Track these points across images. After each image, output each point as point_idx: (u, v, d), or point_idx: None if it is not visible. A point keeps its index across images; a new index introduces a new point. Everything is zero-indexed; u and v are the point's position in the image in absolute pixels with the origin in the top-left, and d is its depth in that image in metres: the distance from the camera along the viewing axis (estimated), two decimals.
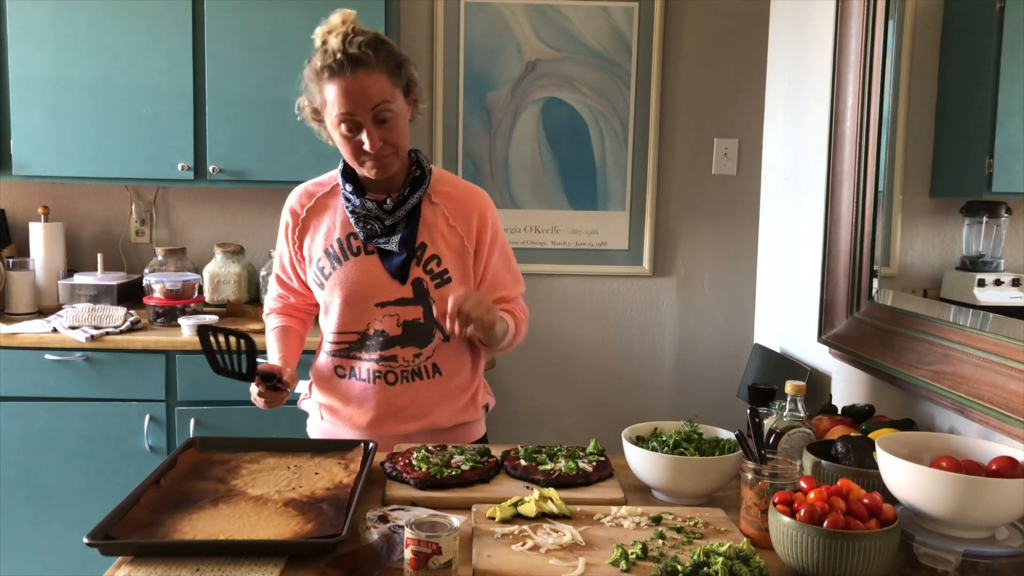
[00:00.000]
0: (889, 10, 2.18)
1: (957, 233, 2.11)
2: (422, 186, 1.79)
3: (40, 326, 2.83)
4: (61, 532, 2.83)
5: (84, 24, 2.92)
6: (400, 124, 1.72)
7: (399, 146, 1.73)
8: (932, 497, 1.33)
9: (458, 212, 1.82)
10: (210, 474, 1.60)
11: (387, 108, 1.67)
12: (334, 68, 1.66)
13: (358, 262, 1.80)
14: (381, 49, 1.67)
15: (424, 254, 1.79)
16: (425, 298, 1.80)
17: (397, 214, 1.77)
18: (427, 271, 1.79)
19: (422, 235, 1.79)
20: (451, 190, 1.84)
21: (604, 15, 3.32)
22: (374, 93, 1.66)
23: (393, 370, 1.83)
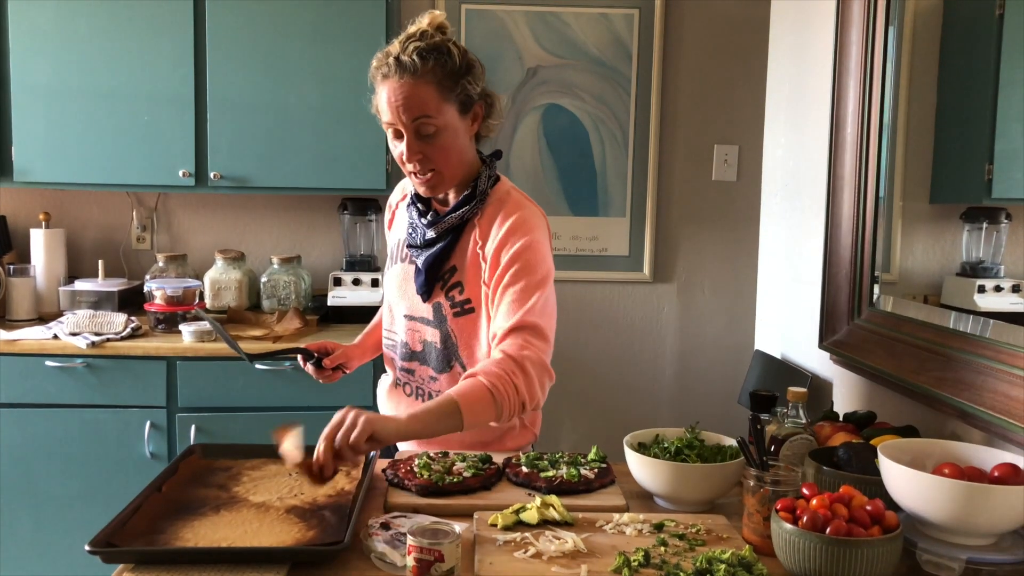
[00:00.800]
0: (889, 17, 2.19)
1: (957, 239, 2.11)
2: (467, 206, 1.66)
3: (41, 332, 2.83)
4: (62, 539, 2.82)
5: (85, 31, 2.92)
6: (446, 141, 1.60)
7: (442, 164, 1.61)
8: (935, 504, 1.33)
9: (486, 238, 1.67)
10: (212, 481, 1.60)
11: (428, 122, 1.57)
12: (384, 71, 1.59)
13: (402, 268, 1.76)
14: (433, 59, 1.56)
15: (451, 278, 1.69)
16: (443, 324, 1.70)
17: (435, 229, 1.67)
18: (448, 297, 1.69)
19: (456, 258, 1.68)
20: (495, 212, 1.67)
21: (604, 22, 3.33)
22: (414, 105, 1.56)
23: (410, 383, 1.80)
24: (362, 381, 2.75)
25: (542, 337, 1.60)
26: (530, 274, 1.62)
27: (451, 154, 1.61)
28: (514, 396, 1.56)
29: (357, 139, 2.99)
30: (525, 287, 1.61)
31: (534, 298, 1.60)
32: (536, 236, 1.64)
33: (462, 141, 1.63)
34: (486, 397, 1.53)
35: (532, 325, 1.59)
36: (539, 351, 1.59)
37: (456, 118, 1.61)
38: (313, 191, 3.06)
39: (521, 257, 1.62)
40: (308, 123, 3.00)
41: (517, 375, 1.56)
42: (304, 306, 3.17)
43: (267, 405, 2.78)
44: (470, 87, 1.62)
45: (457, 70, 1.59)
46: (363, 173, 3.01)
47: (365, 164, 3.01)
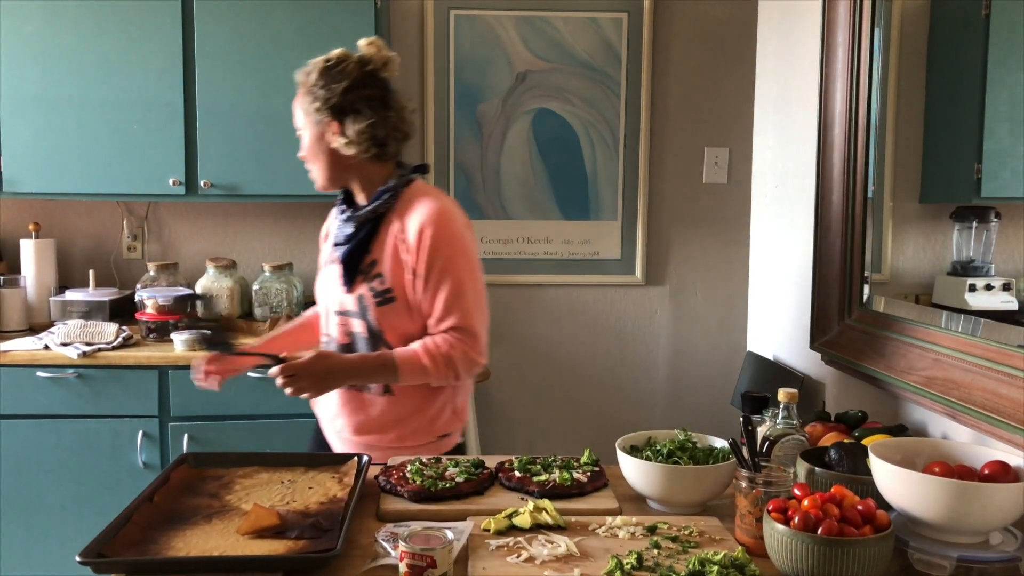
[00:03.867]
0: (875, 18, 2.20)
1: (948, 238, 2.12)
2: (379, 200, 1.82)
3: (32, 343, 2.82)
4: (55, 549, 2.81)
5: (73, 40, 2.92)
6: (311, 146, 1.82)
7: (311, 164, 1.85)
8: (926, 503, 1.34)
9: (404, 231, 1.80)
10: (203, 490, 1.60)
11: (301, 129, 1.83)
12: None
13: (328, 269, 1.91)
14: (315, 75, 1.79)
15: (372, 270, 1.81)
16: (366, 313, 1.81)
17: (352, 222, 1.84)
18: (371, 288, 1.81)
19: (375, 251, 1.82)
20: (408, 207, 1.82)
21: (593, 26, 3.34)
22: (296, 112, 1.85)
23: None
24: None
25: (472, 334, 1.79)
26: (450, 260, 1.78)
27: (315, 159, 1.83)
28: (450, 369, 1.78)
29: None
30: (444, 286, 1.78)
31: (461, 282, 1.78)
32: (452, 223, 1.80)
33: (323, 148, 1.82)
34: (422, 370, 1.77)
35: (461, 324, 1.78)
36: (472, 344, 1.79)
37: (322, 128, 1.80)
38: (304, 198, 3.06)
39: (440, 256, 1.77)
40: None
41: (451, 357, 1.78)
42: (296, 313, 3.16)
43: (260, 413, 2.77)
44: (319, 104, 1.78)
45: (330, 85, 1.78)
46: None
47: None
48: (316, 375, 1.72)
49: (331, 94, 1.76)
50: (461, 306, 1.79)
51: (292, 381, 1.72)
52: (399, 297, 1.80)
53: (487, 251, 3.41)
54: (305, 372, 1.72)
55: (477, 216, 3.39)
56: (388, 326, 1.81)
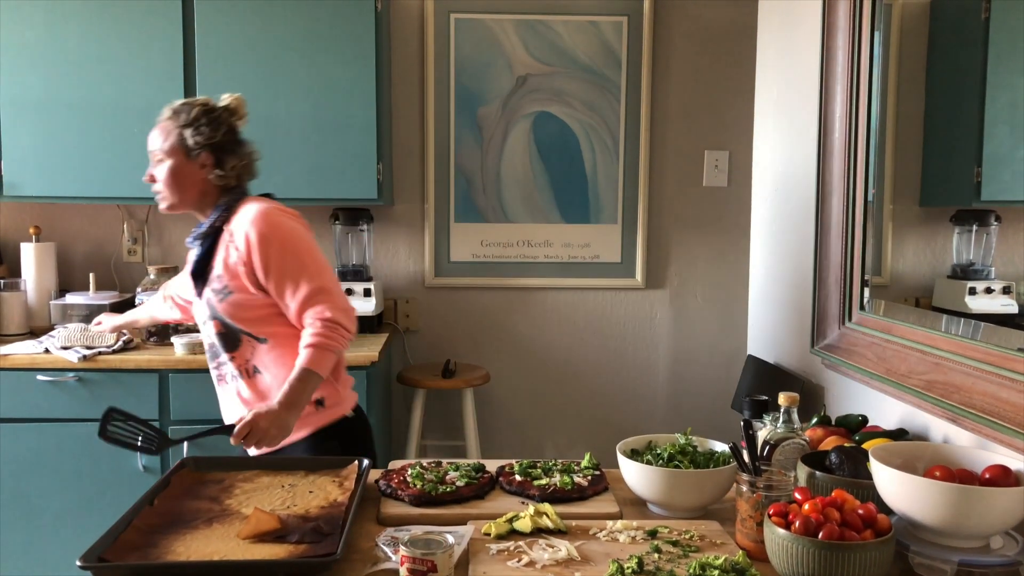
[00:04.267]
0: (875, 21, 2.20)
1: (948, 242, 2.12)
2: (213, 216, 2.03)
3: (32, 347, 2.82)
4: (56, 553, 2.81)
5: (74, 44, 2.92)
6: (168, 174, 2.01)
7: (165, 190, 2.03)
8: (926, 507, 1.33)
9: (238, 232, 1.98)
10: (204, 494, 1.59)
11: (159, 157, 2.01)
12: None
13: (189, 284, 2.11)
14: (180, 114, 2.02)
15: (212, 275, 2.01)
16: (216, 313, 2.01)
17: (197, 243, 2.05)
18: (213, 290, 2.00)
19: (216, 265, 2.01)
20: (238, 217, 2.01)
21: (593, 29, 3.34)
22: (153, 140, 2.03)
23: (221, 374, 2.07)
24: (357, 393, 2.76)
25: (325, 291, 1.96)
26: (287, 250, 1.96)
27: (172, 187, 2.02)
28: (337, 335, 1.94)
29: (348, 149, 3.00)
30: (285, 269, 1.95)
31: (300, 260, 1.97)
32: (269, 215, 1.98)
33: (185, 176, 2.02)
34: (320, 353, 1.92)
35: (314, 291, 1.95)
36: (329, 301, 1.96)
37: (183, 161, 2.01)
38: (304, 202, 3.05)
39: (270, 245, 1.94)
40: (298, 133, 3.00)
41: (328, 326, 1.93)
42: None
43: None
44: (188, 138, 2.00)
45: (193, 124, 2.01)
46: (354, 183, 3.01)
47: (356, 174, 3.01)
48: (264, 427, 1.83)
49: (215, 133, 2.02)
50: (308, 278, 1.96)
51: (250, 440, 1.82)
52: (235, 290, 1.98)
53: (487, 255, 3.41)
54: (255, 428, 1.82)
55: (477, 219, 3.39)
56: (236, 316, 1.99)
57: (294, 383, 1.88)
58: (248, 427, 1.80)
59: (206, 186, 2.03)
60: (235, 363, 2.02)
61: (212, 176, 2.03)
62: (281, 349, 2.00)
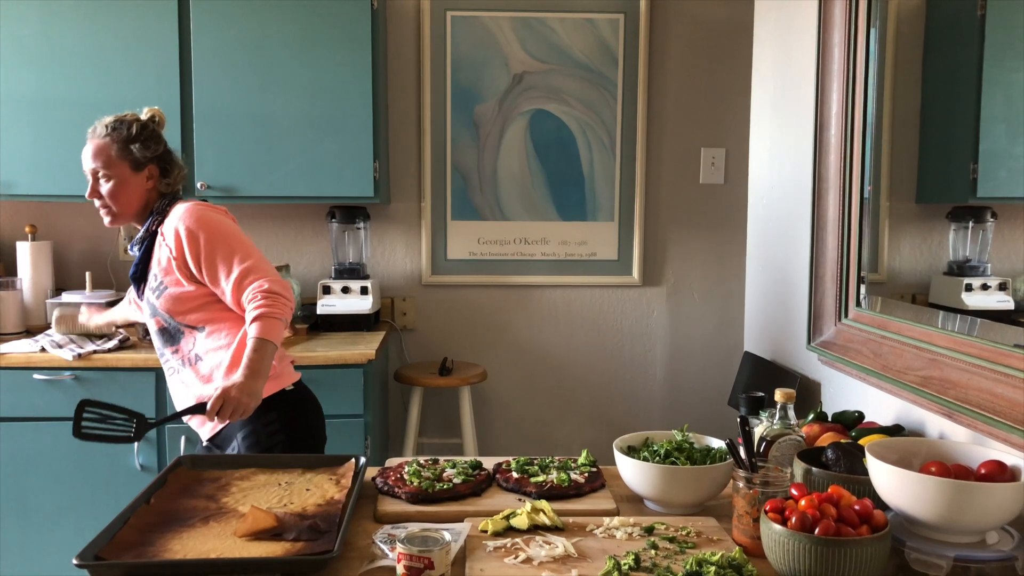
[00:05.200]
0: (871, 18, 2.20)
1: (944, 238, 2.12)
2: (148, 220, 2.11)
3: (28, 346, 2.81)
4: (52, 551, 2.80)
5: (70, 43, 2.92)
6: (117, 190, 2.08)
7: (114, 205, 2.09)
8: (922, 502, 1.34)
9: (168, 232, 2.07)
10: (200, 492, 1.59)
11: (104, 173, 2.07)
12: (88, 134, 2.11)
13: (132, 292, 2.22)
14: (120, 130, 2.09)
15: (148, 274, 2.11)
16: (156, 310, 2.09)
17: (132, 249, 2.15)
18: (151, 288, 2.09)
19: (152, 263, 2.10)
20: (168, 217, 2.10)
21: (590, 27, 3.34)
22: (94, 158, 2.08)
23: (170, 366, 2.13)
24: (354, 391, 2.76)
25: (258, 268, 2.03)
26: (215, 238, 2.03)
27: (121, 200, 2.09)
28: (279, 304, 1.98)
29: (344, 147, 2.99)
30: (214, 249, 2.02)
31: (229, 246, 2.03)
32: (194, 210, 2.06)
33: (133, 189, 2.10)
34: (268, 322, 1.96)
35: (246, 270, 2.01)
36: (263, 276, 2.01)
37: (129, 174, 2.09)
38: (301, 200, 3.06)
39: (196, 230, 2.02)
40: (295, 132, 3.00)
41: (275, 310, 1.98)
42: (293, 315, 3.16)
43: None
44: (143, 153, 2.09)
45: (136, 139, 2.09)
46: (351, 181, 3.01)
47: (352, 172, 3.00)
48: (236, 396, 1.86)
49: (158, 146, 2.13)
50: (239, 259, 2.02)
51: (225, 412, 1.86)
52: (169, 284, 2.06)
53: (484, 252, 3.41)
54: (228, 399, 1.86)
55: (474, 217, 3.39)
56: (173, 310, 2.06)
57: (252, 354, 1.92)
58: (220, 400, 1.85)
59: (149, 196, 2.13)
60: (178, 355, 2.10)
61: (160, 186, 2.13)
62: (218, 334, 2.07)
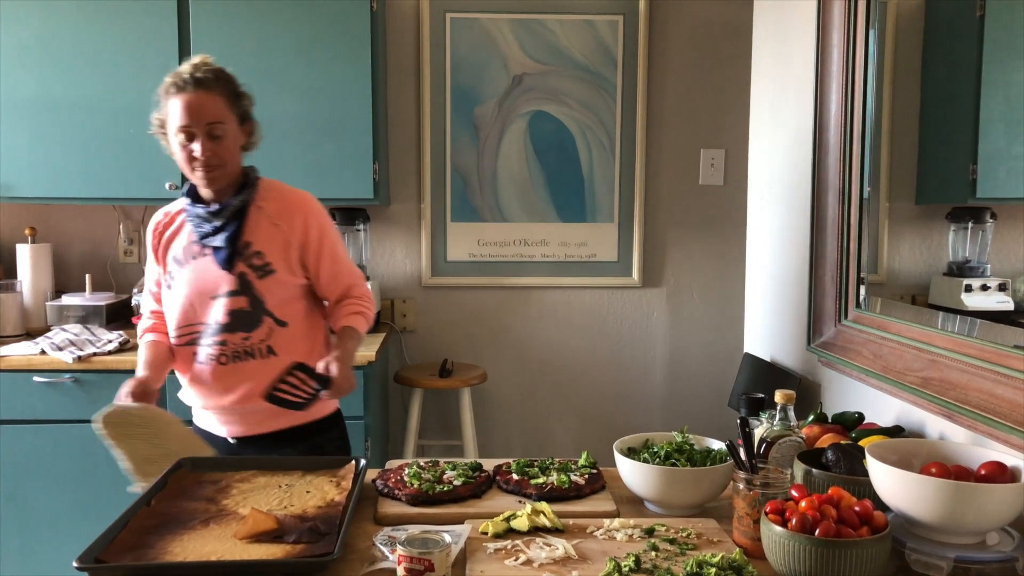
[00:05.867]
0: (870, 19, 2.20)
1: (943, 239, 2.13)
2: (243, 192, 1.99)
3: (28, 348, 2.81)
4: (53, 555, 2.80)
5: (69, 44, 2.92)
6: (230, 143, 1.95)
7: (226, 161, 1.95)
8: (922, 503, 1.34)
9: (282, 213, 2.01)
10: (200, 495, 1.59)
11: (219, 127, 1.92)
12: (179, 85, 1.92)
13: (196, 263, 2.00)
14: (223, 79, 1.96)
15: (248, 250, 1.97)
16: (249, 289, 1.97)
17: (223, 215, 1.97)
18: (250, 265, 1.97)
19: (247, 235, 1.98)
20: (277, 195, 2.04)
21: (589, 28, 3.34)
22: (209, 111, 1.91)
23: (225, 352, 1.99)
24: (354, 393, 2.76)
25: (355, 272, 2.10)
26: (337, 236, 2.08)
27: (232, 154, 1.97)
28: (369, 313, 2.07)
29: (344, 149, 2.99)
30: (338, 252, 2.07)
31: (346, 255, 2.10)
32: (317, 202, 2.07)
33: (236, 145, 1.99)
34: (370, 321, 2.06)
35: (359, 273, 2.10)
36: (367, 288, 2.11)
37: (236, 127, 1.98)
38: None
39: (327, 227, 2.04)
40: (294, 134, 3.00)
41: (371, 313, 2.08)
42: None
43: None
44: (246, 106, 2.01)
45: (238, 90, 1.99)
46: (350, 183, 3.01)
47: (352, 174, 3.00)
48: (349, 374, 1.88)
49: (251, 97, 2.03)
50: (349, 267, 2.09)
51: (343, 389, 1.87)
52: (279, 269, 1.98)
53: (484, 254, 3.41)
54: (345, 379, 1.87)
55: (474, 219, 3.39)
56: (271, 295, 1.98)
57: (351, 343, 1.96)
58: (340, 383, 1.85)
59: (240, 156, 2.03)
60: (246, 343, 1.97)
61: (247, 145, 2.04)
62: (300, 333, 2.03)
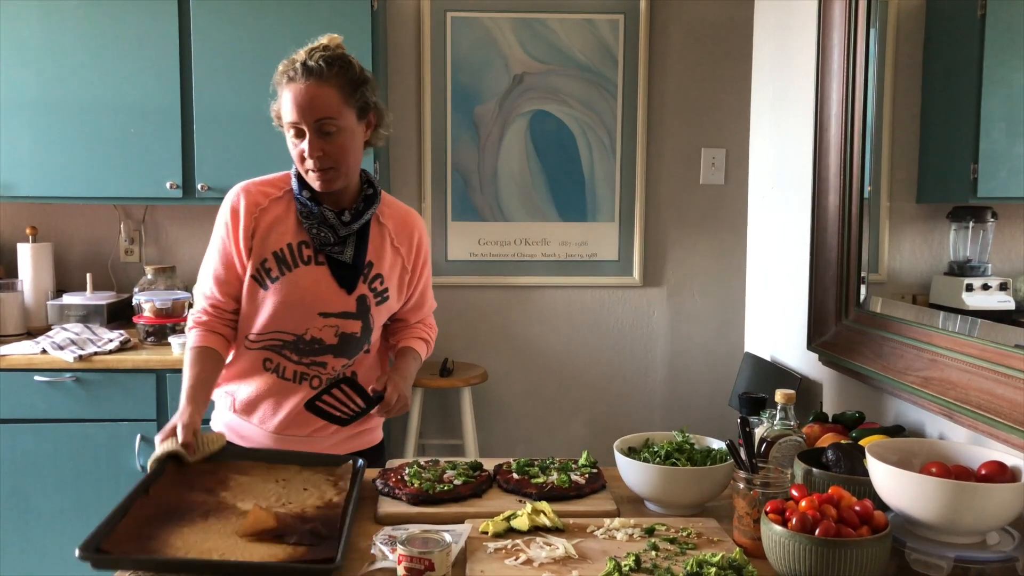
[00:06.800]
0: (871, 19, 2.20)
1: (944, 238, 2.13)
2: (374, 204, 1.83)
3: (29, 347, 2.81)
4: (54, 554, 2.80)
5: (71, 44, 2.92)
6: (345, 141, 1.73)
7: (340, 162, 1.74)
8: (923, 503, 1.34)
9: (402, 234, 1.87)
10: (198, 485, 1.56)
11: (331, 123, 1.70)
12: (291, 75, 1.74)
13: (308, 270, 1.79)
14: (338, 66, 1.72)
15: (371, 272, 1.82)
16: (366, 314, 1.82)
17: (352, 227, 1.79)
18: (371, 288, 1.82)
19: (370, 253, 1.82)
20: (394, 212, 1.89)
21: (590, 27, 3.34)
22: (320, 105, 1.70)
23: (319, 375, 1.82)
24: None
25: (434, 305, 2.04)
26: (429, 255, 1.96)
27: (349, 153, 1.75)
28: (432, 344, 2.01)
29: None
30: (430, 276, 1.98)
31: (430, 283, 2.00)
32: (424, 224, 1.98)
33: (358, 143, 1.78)
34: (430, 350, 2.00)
35: (432, 306, 2.03)
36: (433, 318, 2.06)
37: (354, 122, 1.74)
38: None
39: (429, 251, 1.94)
40: None
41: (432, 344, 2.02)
42: None
43: None
44: (368, 95, 1.76)
45: (357, 79, 1.74)
46: None
47: None
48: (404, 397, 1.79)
49: (372, 86, 1.78)
50: (431, 294, 2.01)
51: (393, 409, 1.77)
52: (392, 296, 1.86)
53: (485, 253, 3.41)
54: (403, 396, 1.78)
55: (475, 218, 3.39)
56: (379, 323, 1.87)
57: (412, 365, 1.89)
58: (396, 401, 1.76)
59: (361, 154, 1.81)
60: (341, 370, 1.84)
61: (373, 139, 1.82)
62: (373, 359, 1.92)
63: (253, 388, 1.85)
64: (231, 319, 1.85)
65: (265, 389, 1.84)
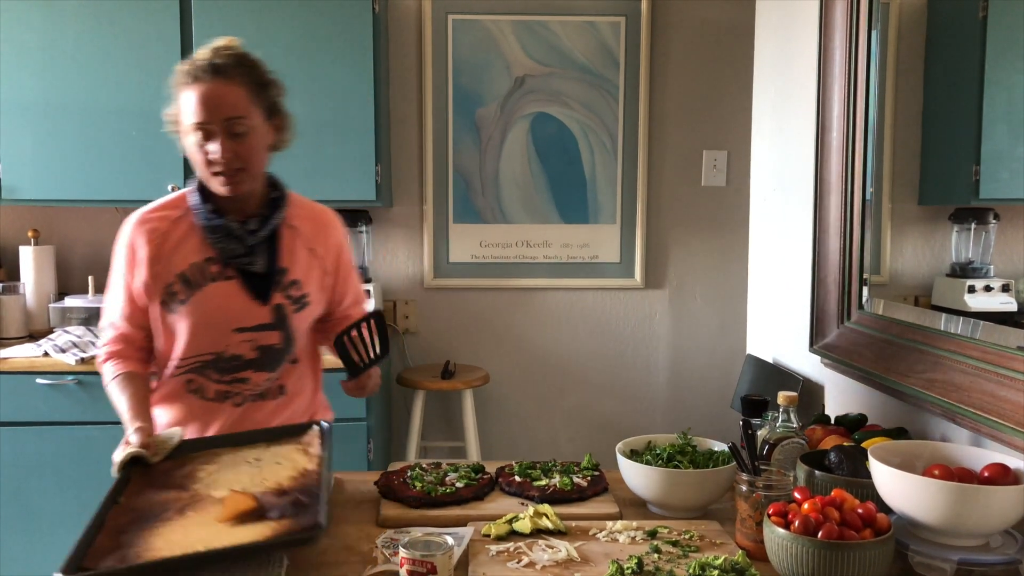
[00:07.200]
0: (872, 20, 2.20)
1: (946, 240, 2.13)
2: (281, 208, 1.74)
3: (31, 350, 2.82)
4: (54, 556, 2.78)
5: (72, 47, 2.92)
6: (254, 142, 1.66)
7: (250, 163, 1.66)
8: (925, 506, 1.33)
9: (317, 235, 1.79)
10: (168, 483, 1.50)
11: (241, 122, 1.63)
12: (194, 75, 1.66)
13: (217, 287, 1.70)
14: (245, 65, 1.67)
15: (284, 278, 1.74)
16: (284, 323, 1.73)
17: (259, 235, 1.70)
18: (287, 296, 1.73)
19: (283, 259, 1.74)
20: (307, 213, 1.80)
21: (591, 30, 3.34)
22: (228, 104, 1.63)
23: (242, 392, 1.76)
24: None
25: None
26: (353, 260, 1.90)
27: (257, 154, 1.68)
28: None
29: (346, 151, 2.99)
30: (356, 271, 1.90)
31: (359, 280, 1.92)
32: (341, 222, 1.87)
33: (265, 144, 1.70)
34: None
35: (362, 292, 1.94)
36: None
37: (262, 123, 1.68)
38: None
39: (348, 248, 1.86)
40: (296, 135, 2.98)
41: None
42: None
43: None
44: (274, 97, 1.71)
45: (263, 79, 1.69)
46: (352, 184, 3.01)
47: (354, 176, 3.00)
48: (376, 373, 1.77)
49: (281, 86, 1.73)
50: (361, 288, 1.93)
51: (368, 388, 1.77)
52: (313, 300, 1.77)
53: (486, 255, 3.41)
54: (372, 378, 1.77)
55: (476, 220, 3.39)
56: (301, 331, 1.78)
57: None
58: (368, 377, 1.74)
59: (267, 157, 1.73)
60: (262, 384, 1.77)
61: (278, 143, 1.75)
62: (304, 369, 1.85)
63: (178, 412, 1.79)
64: (143, 347, 1.78)
65: (188, 412, 1.77)
